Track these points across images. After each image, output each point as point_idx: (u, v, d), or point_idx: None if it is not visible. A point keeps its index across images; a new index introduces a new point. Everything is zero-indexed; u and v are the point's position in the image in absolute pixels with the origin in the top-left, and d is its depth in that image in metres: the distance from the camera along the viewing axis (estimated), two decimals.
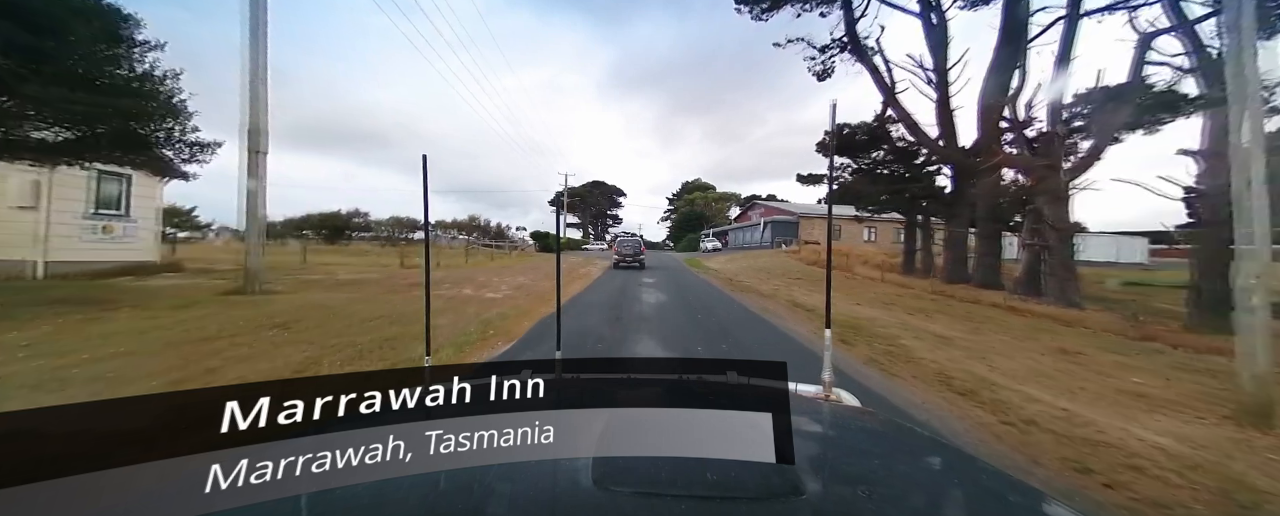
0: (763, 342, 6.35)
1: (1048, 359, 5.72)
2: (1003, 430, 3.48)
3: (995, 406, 3.92)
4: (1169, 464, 2.88)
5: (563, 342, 1.37)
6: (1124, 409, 3.97)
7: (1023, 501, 0.70)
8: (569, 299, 9.98)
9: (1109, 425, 3.50)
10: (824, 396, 1.21)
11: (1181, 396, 4.32)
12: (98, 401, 0.58)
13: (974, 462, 0.85)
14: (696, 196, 70.13)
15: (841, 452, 0.88)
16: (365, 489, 0.60)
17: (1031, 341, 6.81)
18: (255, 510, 0.58)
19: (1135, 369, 5.33)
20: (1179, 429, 3.51)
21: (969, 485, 0.76)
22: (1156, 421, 3.68)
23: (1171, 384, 4.76)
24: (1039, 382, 4.65)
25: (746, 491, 0.61)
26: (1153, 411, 3.92)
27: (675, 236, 68.04)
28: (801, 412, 1.06)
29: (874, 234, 35.58)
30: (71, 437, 0.55)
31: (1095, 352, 6.11)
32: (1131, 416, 3.77)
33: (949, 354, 5.77)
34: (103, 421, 0.58)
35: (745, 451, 0.73)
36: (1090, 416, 3.70)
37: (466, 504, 0.57)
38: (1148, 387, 4.59)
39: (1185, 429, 3.51)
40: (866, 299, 11.14)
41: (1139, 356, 6.03)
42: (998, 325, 8.20)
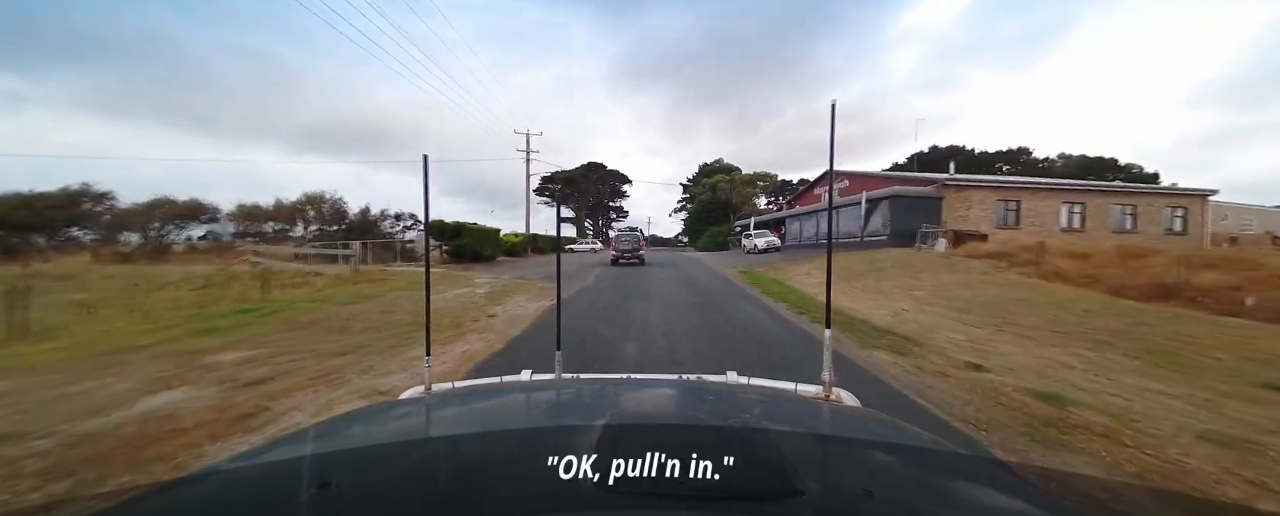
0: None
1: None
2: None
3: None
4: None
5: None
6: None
7: (1023, 501, 0.70)
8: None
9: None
10: (824, 396, 1.21)
11: None
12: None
13: (974, 462, 0.85)
14: (719, 179, 56.21)
15: (842, 452, 0.88)
16: (365, 488, 0.62)
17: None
18: (255, 508, 0.60)
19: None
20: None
21: (969, 485, 0.75)
22: None
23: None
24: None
25: (746, 491, 0.62)
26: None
27: (693, 230, 55.30)
28: (801, 412, 1.06)
29: (1080, 215, 22.74)
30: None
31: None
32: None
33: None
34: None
35: (745, 451, 0.74)
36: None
37: (467, 504, 0.59)
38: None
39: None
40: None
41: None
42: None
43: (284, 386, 4.31)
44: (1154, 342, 5.89)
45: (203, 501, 0.64)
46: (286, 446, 0.81)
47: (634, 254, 20.47)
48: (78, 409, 3.73)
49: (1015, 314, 7.82)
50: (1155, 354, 5.35)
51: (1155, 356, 5.25)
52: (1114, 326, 6.79)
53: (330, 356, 5.35)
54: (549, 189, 65.84)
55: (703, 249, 42.17)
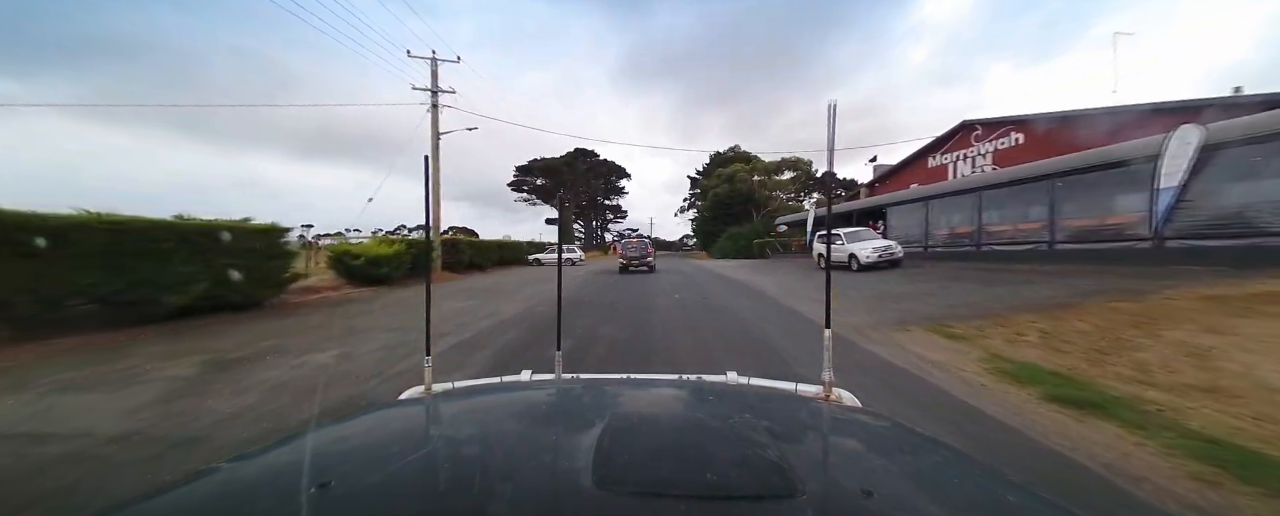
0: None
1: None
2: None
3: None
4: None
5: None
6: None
7: (1023, 502, 0.69)
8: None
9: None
10: (824, 396, 1.20)
11: None
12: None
13: (974, 463, 0.84)
14: (737, 169, 44.73)
15: (842, 452, 0.88)
16: (365, 489, 0.62)
17: None
18: (255, 509, 0.61)
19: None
20: None
21: (969, 485, 0.75)
22: None
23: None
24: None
25: (746, 491, 0.62)
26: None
27: (704, 232, 46.02)
28: (802, 412, 1.05)
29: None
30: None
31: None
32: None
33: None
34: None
35: (746, 451, 0.74)
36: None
37: (467, 504, 0.60)
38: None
39: None
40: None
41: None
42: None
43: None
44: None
45: (203, 501, 0.65)
46: (286, 446, 0.82)
47: (642, 261, 20.41)
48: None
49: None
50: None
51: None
52: None
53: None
54: (527, 183, 53.54)
55: (721, 255, 32.79)
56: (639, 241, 21.43)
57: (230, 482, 0.71)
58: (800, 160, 43.22)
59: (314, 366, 5.09)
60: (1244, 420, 3.32)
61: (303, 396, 4.13)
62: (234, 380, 4.57)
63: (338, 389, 4.33)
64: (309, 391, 4.28)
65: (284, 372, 4.83)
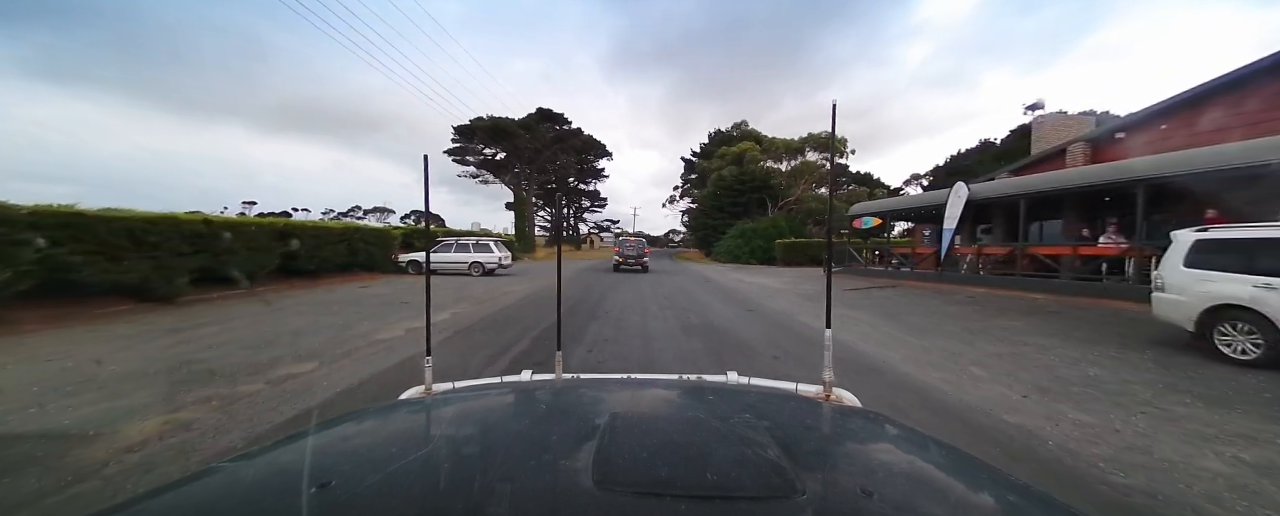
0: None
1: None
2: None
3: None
4: None
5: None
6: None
7: (1023, 502, 0.70)
8: None
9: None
10: (824, 396, 1.21)
11: None
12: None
13: (974, 463, 0.85)
14: (747, 149, 36.70)
15: (842, 452, 0.88)
16: (365, 489, 0.62)
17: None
18: (255, 509, 0.61)
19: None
20: None
21: (969, 485, 0.75)
22: None
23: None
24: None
25: (746, 491, 0.62)
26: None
27: (702, 227, 36.86)
28: (802, 412, 1.05)
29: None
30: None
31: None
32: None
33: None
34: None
35: (745, 451, 0.74)
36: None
37: (467, 504, 0.60)
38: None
39: None
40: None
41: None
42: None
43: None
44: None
45: (203, 501, 0.65)
46: (286, 446, 0.82)
47: (637, 260, 21.88)
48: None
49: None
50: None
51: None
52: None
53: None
54: (471, 152, 38.31)
55: (728, 257, 26.60)
56: (636, 241, 23.24)
57: (231, 482, 0.70)
58: (837, 140, 29.98)
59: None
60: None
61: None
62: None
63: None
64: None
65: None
